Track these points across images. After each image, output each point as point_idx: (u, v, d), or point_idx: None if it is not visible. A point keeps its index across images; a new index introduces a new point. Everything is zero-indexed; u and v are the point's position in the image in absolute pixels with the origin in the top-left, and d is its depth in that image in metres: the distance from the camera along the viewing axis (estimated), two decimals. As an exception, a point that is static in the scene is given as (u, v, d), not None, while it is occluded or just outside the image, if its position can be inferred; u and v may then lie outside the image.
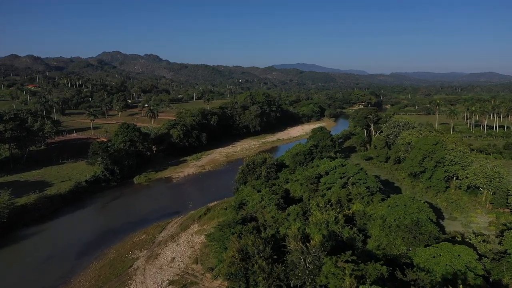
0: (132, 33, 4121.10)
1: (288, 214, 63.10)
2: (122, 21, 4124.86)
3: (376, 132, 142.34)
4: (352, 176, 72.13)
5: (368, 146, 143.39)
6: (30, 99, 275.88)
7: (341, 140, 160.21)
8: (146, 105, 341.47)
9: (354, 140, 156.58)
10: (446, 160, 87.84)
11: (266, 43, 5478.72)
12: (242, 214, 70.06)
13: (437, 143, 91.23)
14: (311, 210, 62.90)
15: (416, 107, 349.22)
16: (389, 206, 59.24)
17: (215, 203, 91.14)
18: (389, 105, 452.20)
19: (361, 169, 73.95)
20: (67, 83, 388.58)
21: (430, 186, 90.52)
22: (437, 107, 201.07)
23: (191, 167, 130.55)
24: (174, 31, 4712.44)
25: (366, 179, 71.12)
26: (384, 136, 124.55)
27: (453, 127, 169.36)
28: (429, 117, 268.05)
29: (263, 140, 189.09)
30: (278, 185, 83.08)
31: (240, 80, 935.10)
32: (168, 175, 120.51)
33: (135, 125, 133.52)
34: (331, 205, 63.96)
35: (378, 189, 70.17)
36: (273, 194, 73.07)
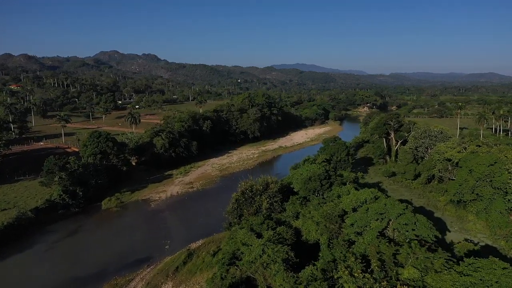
0: (131, 32, 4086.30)
1: (306, 287, 40.64)
2: (121, 20, 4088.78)
3: (398, 142, 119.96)
4: (395, 219, 49.62)
5: (387, 158, 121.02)
6: (9, 100, 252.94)
7: (353, 149, 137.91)
8: (137, 106, 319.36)
9: (369, 150, 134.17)
10: (510, 187, 65.58)
11: (266, 43, 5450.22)
12: (234, 276, 47.69)
13: (495, 162, 68.89)
14: (340, 281, 40.42)
15: (426, 109, 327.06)
16: (471, 282, 36.65)
17: (200, 242, 68.52)
18: (394, 107, 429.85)
19: (406, 207, 51.24)
20: (54, 83, 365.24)
21: (486, 220, 68.29)
22: (459, 110, 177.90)
23: (176, 185, 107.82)
24: (173, 31, 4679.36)
25: (415, 223, 48.63)
26: (411, 148, 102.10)
27: (482, 134, 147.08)
28: (443, 121, 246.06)
29: (263, 148, 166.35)
30: (285, 222, 60.69)
31: (239, 80, 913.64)
32: (147, 196, 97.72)
33: (108, 134, 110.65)
34: (371, 271, 41.39)
35: (435, 240, 47.76)
36: (280, 243, 50.79)
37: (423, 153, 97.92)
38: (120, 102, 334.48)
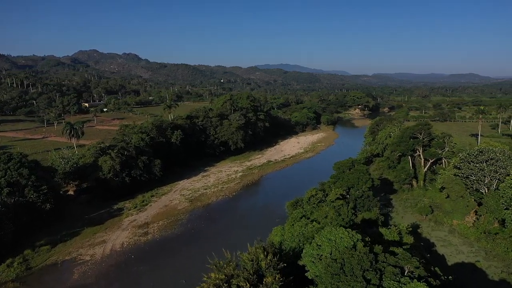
0: (112, 31, 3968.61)
1: None
2: (102, 19, 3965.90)
3: (428, 161, 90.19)
4: None
5: (414, 183, 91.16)
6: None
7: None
8: (105, 109, 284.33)
9: (383, 167, 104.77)
10: None
11: (249, 43, 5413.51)
12: None
13: None
14: None
15: (424, 112, 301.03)
16: None
17: None
18: (387, 108, 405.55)
19: None
20: (12, 83, 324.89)
21: None
22: (481, 115, 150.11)
23: (124, 229, 75.06)
24: (155, 30, 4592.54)
25: None
26: (458, 175, 72.04)
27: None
28: (448, 125, 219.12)
29: (248, 163, 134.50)
30: None
31: (222, 80, 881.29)
32: (74, 252, 64.67)
33: (24, 156, 77.48)
34: None
35: None
36: None
37: (479, 184, 67.96)
38: (86, 104, 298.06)
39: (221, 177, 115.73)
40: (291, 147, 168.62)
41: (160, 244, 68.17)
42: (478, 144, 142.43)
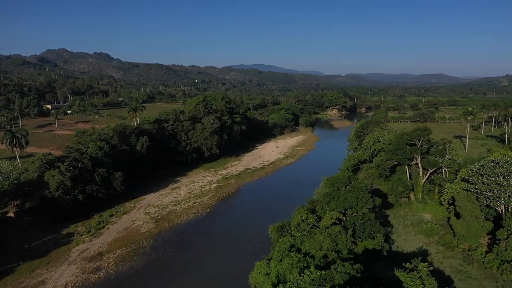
0: (82, 30, 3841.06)
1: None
2: (72, 18, 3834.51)
3: (427, 171, 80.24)
4: None
5: (412, 195, 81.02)
6: None
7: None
8: (69, 111, 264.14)
9: (374, 176, 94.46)
10: None
11: (223, 43, 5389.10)
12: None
13: None
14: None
15: (402, 112, 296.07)
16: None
17: None
18: (364, 109, 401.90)
19: None
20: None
21: None
22: (470, 117, 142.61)
23: (71, 263, 60.79)
24: (128, 29, 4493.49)
25: None
26: (469, 190, 61.96)
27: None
28: (431, 126, 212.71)
29: (224, 172, 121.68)
30: None
31: (196, 80, 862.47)
32: (0, 302, 50.70)
33: None
34: None
35: None
36: None
37: (496, 201, 57.98)
38: (49, 106, 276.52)
39: (193, 189, 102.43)
40: (270, 152, 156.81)
41: (113, 285, 54.52)
42: (467, 146, 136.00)
